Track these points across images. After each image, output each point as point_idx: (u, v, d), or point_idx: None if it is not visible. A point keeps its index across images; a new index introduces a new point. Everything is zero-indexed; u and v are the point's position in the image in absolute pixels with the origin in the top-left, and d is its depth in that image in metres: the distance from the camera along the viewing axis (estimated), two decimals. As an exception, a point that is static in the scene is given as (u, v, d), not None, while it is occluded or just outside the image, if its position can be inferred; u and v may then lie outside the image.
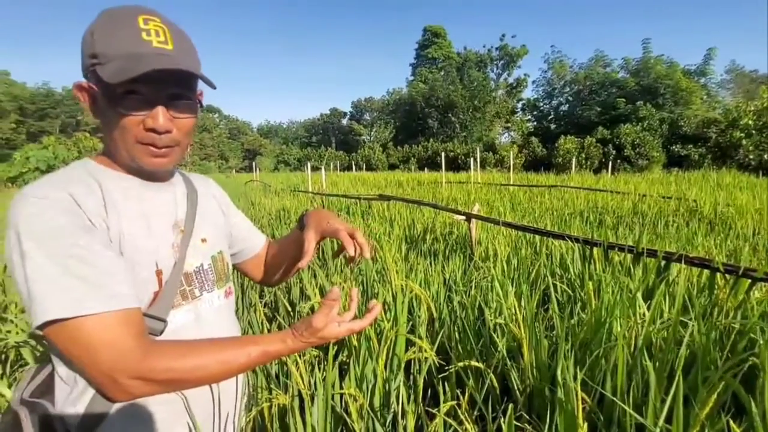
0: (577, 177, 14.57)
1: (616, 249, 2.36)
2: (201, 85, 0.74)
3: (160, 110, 0.66)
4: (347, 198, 6.58)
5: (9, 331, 1.93)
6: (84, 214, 0.63)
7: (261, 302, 2.04)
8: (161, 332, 0.70)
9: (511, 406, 0.98)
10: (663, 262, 2.16)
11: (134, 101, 0.64)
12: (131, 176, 0.73)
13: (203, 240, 0.81)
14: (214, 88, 0.71)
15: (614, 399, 1.04)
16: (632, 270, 2.27)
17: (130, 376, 0.58)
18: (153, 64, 0.62)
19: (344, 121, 59.55)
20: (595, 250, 2.50)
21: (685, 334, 1.41)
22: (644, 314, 1.70)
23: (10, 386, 1.70)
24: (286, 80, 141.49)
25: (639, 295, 1.77)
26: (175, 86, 0.67)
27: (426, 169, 26.28)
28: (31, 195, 0.61)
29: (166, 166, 0.72)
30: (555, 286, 2.31)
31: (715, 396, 0.92)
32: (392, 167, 35.39)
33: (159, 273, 0.71)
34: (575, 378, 1.11)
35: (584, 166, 23.45)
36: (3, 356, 1.90)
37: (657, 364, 1.26)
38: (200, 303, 0.78)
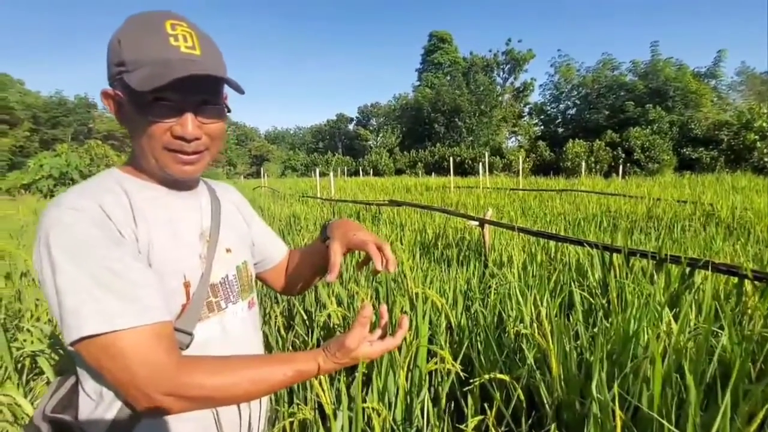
0: (587, 181, 14.43)
1: (638, 255, 2.30)
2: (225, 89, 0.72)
3: (189, 117, 0.64)
4: (357, 204, 6.56)
5: (25, 340, 1.93)
6: (114, 225, 0.61)
7: (277, 310, 2.01)
8: (188, 345, 0.68)
9: (566, 427, 0.93)
10: (687, 269, 2.10)
11: (163, 108, 0.63)
12: (158, 185, 0.72)
13: (228, 250, 0.79)
14: (242, 92, 0.69)
15: (653, 414, 0.99)
16: (655, 277, 2.21)
17: (163, 393, 0.57)
18: (182, 70, 0.60)
19: (351, 127, 59.94)
20: (615, 256, 2.44)
21: (717, 344, 1.36)
22: (670, 323, 1.65)
23: (25, 396, 1.69)
24: (292, 87, 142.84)
25: (665, 303, 1.71)
26: (203, 92, 0.65)
27: (433, 173, 26.29)
28: (61, 205, 0.60)
29: (195, 173, 0.70)
30: (574, 292, 2.25)
31: (764, 411, 0.87)
32: (399, 172, 35.46)
33: (187, 285, 0.69)
34: (609, 389, 1.06)
35: (594, 170, 23.26)
36: (19, 365, 1.90)
37: (691, 376, 1.21)
38: (225, 315, 0.76)
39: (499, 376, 1.26)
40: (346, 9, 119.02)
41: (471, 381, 1.31)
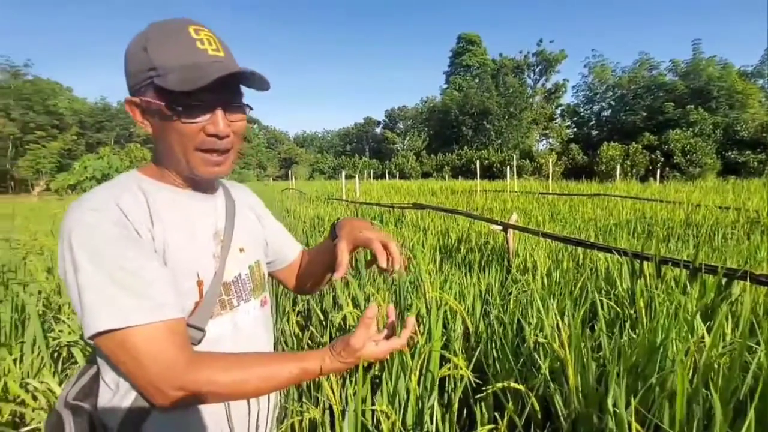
0: (621, 185, 13.85)
1: (670, 264, 2.19)
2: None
3: (220, 115, 0.67)
4: (381, 207, 6.58)
5: (61, 331, 2.05)
6: (131, 225, 0.64)
7: (294, 311, 2.04)
8: (199, 341, 0.70)
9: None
10: (724, 280, 1.97)
11: (196, 109, 0.65)
12: (176, 187, 0.74)
13: (241, 250, 0.81)
14: (268, 88, 0.72)
15: (674, 433, 0.93)
16: (688, 287, 2.09)
17: (174, 387, 0.60)
18: (218, 70, 0.63)
19: (378, 130, 60.32)
20: (645, 264, 2.33)
21: (752, 360, 1.27)
22: (703, 337, 1.55)
23: (61, 383, 1.79)
24: (321, 91, 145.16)
25: (697, 315, 1.61)
26: (229, 91, 0.68)
27: (460, 177, 25.98)
28: (82, 206, 0.63)
29: (222, 173, 0.72)
30: (602, 302, 2.17)
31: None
32: (426, 175, 35.28)
33: (200, 283, 0.71)
34: (627, 405, 1.01)
35: (629, 174, 22.32)
36: (56, 354, 2.02)
37: (720, 393, 1.13)
38: (237, 312, 0.77)
39: (512, 385, 1.23)
40: (373, 13, 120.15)
41: (483, 388, 1.28)
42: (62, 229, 0.62)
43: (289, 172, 32.40)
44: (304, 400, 1.16)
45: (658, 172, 17.51)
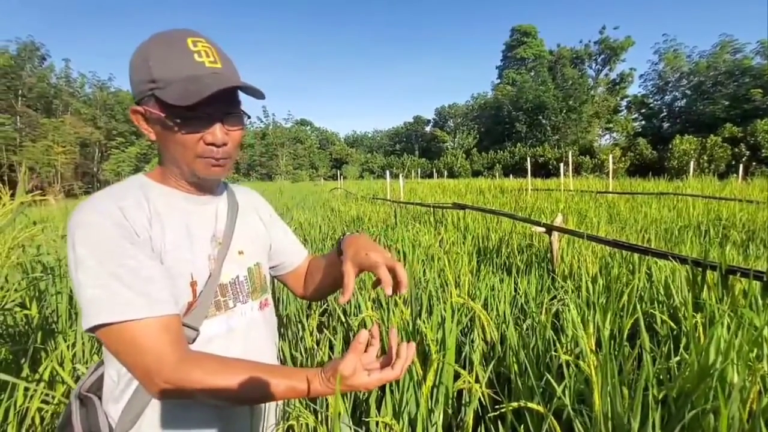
0: (695, 183, 12.52)
1: (739, 274, 1.90)
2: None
3: (218, 126, 0.70)
4: (422, 206, 6.48)
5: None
6: (131, 226, 0.67)
7: (317, 312, 2.04)
8: (193, 341, 0.72)
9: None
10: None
11: (195, 120, 0.68)
12: (178, 190, 0.77)
13: (240, 252, 0.82)
14: (263, 97, 0.73)
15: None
16: (761, 302, 1.80)
17: (164, 381, 0.62)
18: (214, 85, 0.65)
19: (427, 129, 59.92)
20: (709, 273, 2.05)
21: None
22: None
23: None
24: (371, 91, 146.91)
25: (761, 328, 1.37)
26: (227, 102, 0.70)
27: (512, 175, 25.01)
28: (86, 208, 0.66)
29: (222, 174, 0.75)
30: (653, 315, 1.94)
31: None
32: (476, 174, 34.43)
33: (193, 284, 0.73)
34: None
35: (706, 170, 20.16)
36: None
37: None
38: (233, 314, 0.78)
39: (530, 405, 1.11)
40: (425, 12, 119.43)
41: (497, 407, 1.17)
42: (68, 228, 0.65)
43: (338, 172, 33.15)
44: (300, 406, 1.14)
45: (742, 167, 15.56)
